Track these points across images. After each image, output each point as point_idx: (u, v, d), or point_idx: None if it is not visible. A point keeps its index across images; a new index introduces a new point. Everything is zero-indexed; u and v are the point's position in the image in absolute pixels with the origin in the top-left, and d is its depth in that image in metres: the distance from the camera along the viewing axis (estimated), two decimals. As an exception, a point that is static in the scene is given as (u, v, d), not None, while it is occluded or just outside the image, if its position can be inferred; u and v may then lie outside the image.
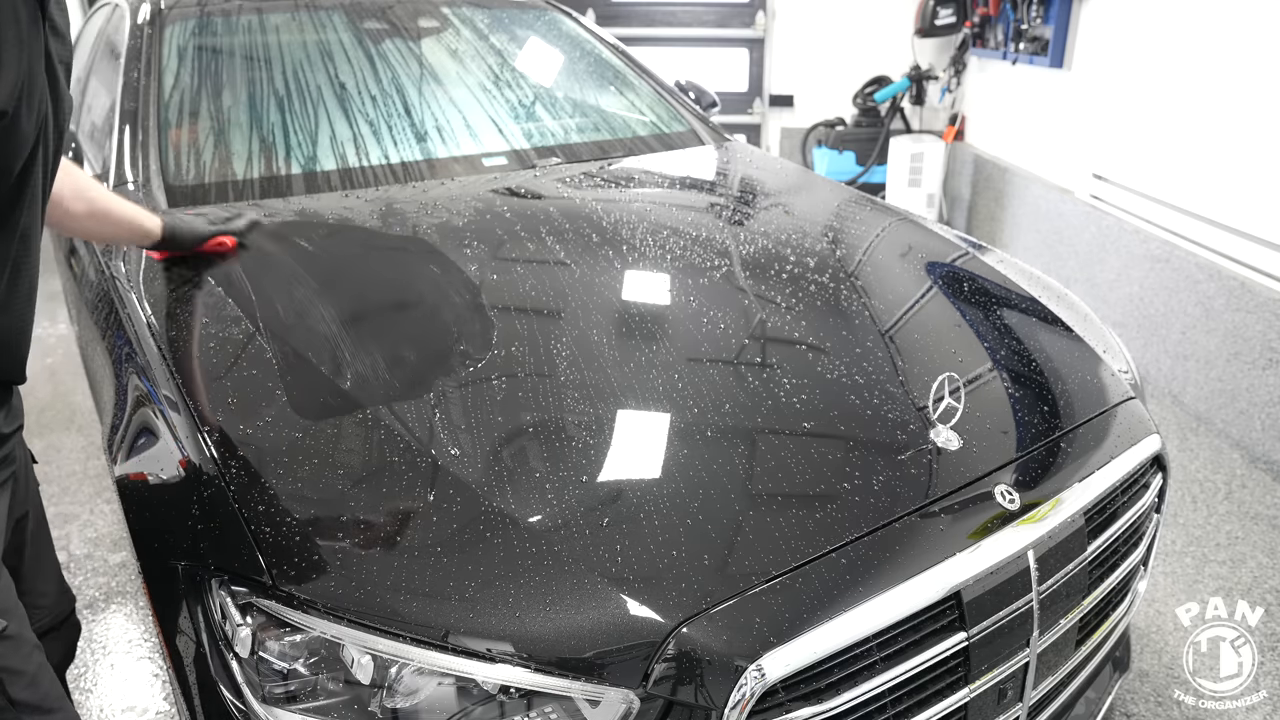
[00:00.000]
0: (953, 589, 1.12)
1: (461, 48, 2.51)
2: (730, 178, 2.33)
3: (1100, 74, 3.84)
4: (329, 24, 2.36)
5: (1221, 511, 2.60)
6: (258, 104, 2.09)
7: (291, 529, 1.07)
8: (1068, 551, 1.26)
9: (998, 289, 1.79)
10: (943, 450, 1.27)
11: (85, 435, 3.12)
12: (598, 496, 1.13)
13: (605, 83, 2.70)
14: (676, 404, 1.29)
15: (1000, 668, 1.19)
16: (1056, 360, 1.57)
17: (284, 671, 1.02)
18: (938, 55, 5.35)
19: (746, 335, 1.49)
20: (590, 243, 1.74)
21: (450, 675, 0.99)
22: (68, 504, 2.72)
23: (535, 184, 2.06)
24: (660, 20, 5.93)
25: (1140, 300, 3.47)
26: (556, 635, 0.99)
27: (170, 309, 1.49)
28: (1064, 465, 1.33)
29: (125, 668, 2.10)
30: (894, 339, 1.53)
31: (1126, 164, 3.66)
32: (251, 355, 1.35)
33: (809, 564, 1.08)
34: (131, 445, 1.32)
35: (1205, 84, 3.12)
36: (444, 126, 2.20)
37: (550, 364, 1.35)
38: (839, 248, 1.86)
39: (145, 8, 2.26)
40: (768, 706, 1.01)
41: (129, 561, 2.41)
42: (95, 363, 1.67)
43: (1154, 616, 2.18)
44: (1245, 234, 2.94)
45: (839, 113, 5.67)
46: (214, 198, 1.84)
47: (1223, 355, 2.99)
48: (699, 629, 1.01)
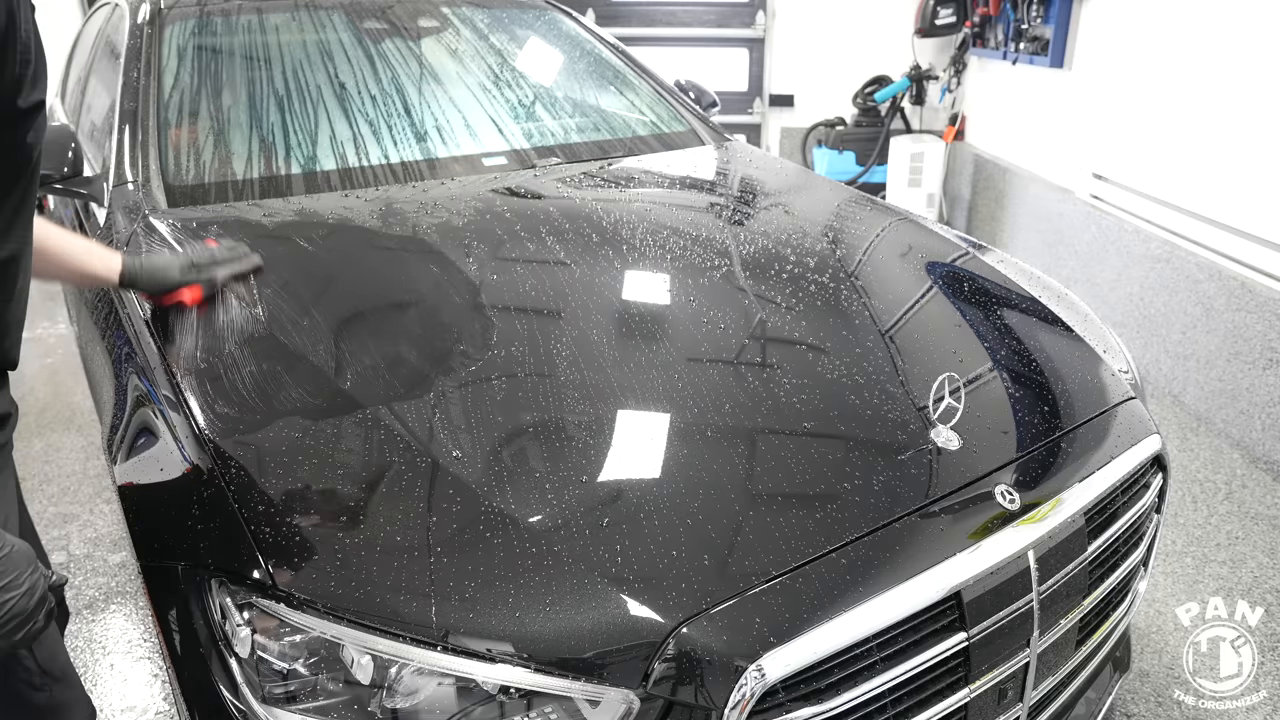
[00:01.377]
0: (953, 589, 1.11)
1: (461, 47, 2.51)
2: (730, 178, 2.33)
3: (1100, 74, 3.84)
4: (329, 24, 2.36)
5: (1222, 511, 2.60)
6: (257, 104, 2.09)
7: (291, 529, 1.07)
8: (1068, 551, 1.25)
9: (998, 289, 1.79)
10: (943, 450, 1.27)
11: (85, 435, 3.12)
12: (598, 496, 1.13)
13: (605, 83, 2.70)
14: (676, 404, 1.29)
15: (1000, 668, 1.19)
16: (1057, 360, 1.57)
17: (284, 671, 1.02)
18: (938, 55, 5.35)
19: (746, 335, 1.49)
20: (590, 243, 1.74)
21: (450, 675, 0.99)
22: (68, 504, 2.72)
23: (535, 184, 2.06)
24: (660, 20, 5.93)
25: (1140, 300, 3.47)
26: (556, 635, 0.99)
27: (170, 309, 1.49)
28: (1064, 465, 1.33)
29: (125, 668, 2.10)
30: (894, 339, 1.53)
31: (1127, 164, 3.66)
32: (251, 355, 1.35)
33: (809, 564, 1.08)
34: (131, 445, 1.32)
35: (1205, 84, 3.12)
36: (444, 126, 2.19)
37: (550, 364, 1.35)
38: (839, 248, 1.86)
39: (145, 7, 2.26)
40: (768, 706, 1.01)
41: (129, 561, 2.41)
42: (95, 363, 1.67)
43: (1154, 616, 2.18)
44: (1246, 234, 2.94)
45: (839, 112, 5.67)
46: (214, 198, 1.84)
47: (1223, 355, 2.99)
48: (699, 629, 1.00)
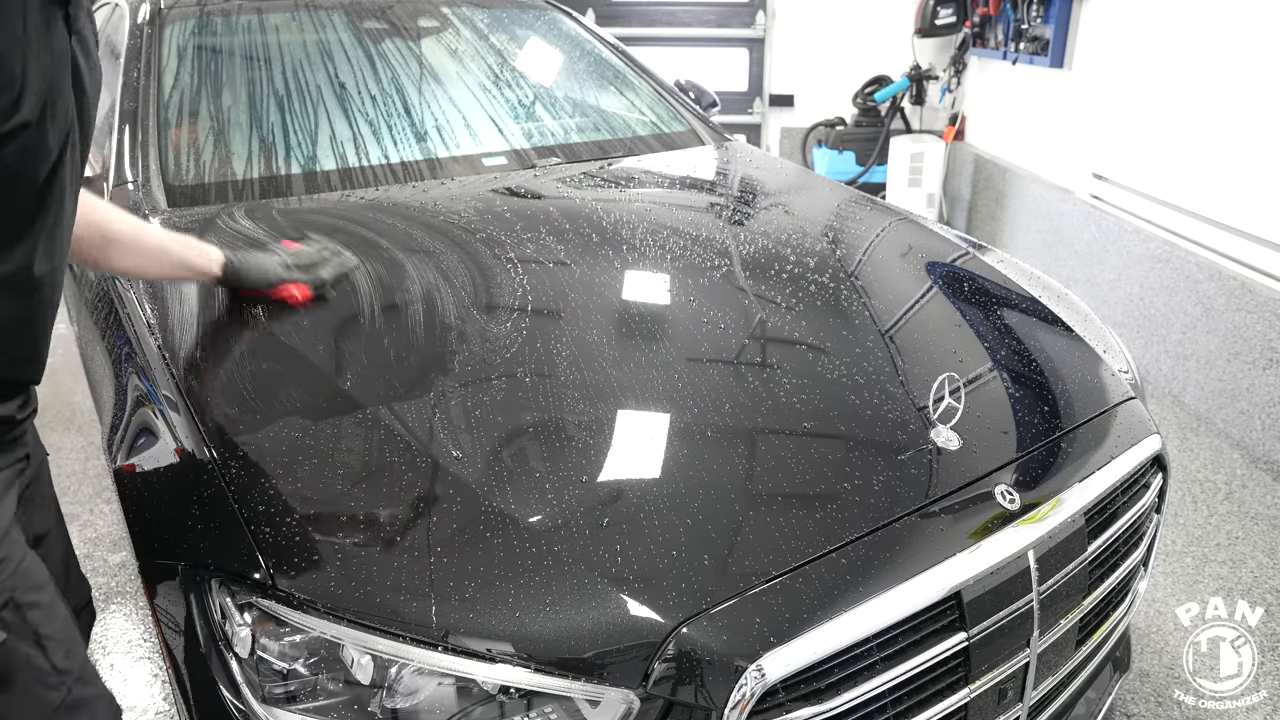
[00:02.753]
0: (953, 589, 1.11)
1: (461, 47, 2.51)
2: (730, 178, 2.33)
3: (1100, 74, 3.84)
4: (329, 24, 2.36)
5: (1222, 511, 2.60)
6: (257, 104, 2.09)
7: (291, 529, 1.06)
8: (1068, 551, 1.25)
9: (998, 289, 1.79)
10: (943, 450, 1.27)
11: (85, 435, 3.12)
12: (598, 496, 1.13)
13: (605, 82, 2.70)
14: (676, 404, 1.29)
15: (1000, 668, 1.19)
16: (1057, 360, 1.57)
17: (284, 671, 1.02)
18: (938, 55, 5.35)
19: (746, 335, 1.49)
20: (590, 243, 1.74)
21: (450, 675, 0.99)
22: (68, 504, 2.69)
23: (535, 184, 2.06)
24: (660, 20, 5.93)
25: (1140, 300, 3.47)
26: (556, 635, 0.99)
27: (170, 308, 1.49)
28: (1064, 465, 1.33)
29: (125, 668, 2.10)
30: (894, 339, 1.53)
31: (1126, 164, 3.66)
32: (251, 354, 1.35)
33: (809, 564, 1.08)
34: (131, 445, 1.32)
35: (1205, 83, 3.12)
36: (444, 126, 2.19)
37: (550, 364, 1.35)
38: (839, 248, 1.86)
39: (145, 7, 2.26)
40: (768, 707, 1.01)
41: (129, 561, 2.41)
42: (95, 362, 1.67)
43: (1154, 616, 2.18)
44: (1246, 234, 2.94)
45: (839, 112, 5.66)
46: (214, 198, 1.84)
47: (1223, 355, 2.99)
48: (699, 629, 1.00)
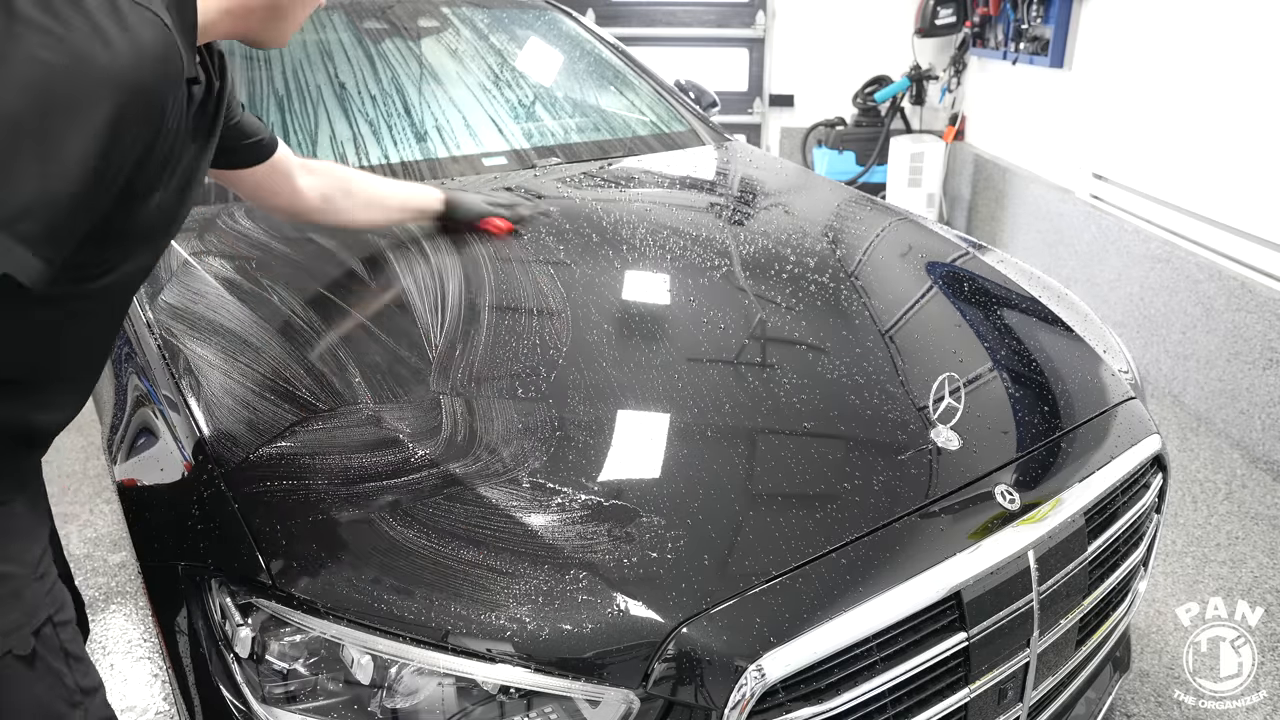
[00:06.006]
0: (953, 589, 1.11)
1: (461, 47, 2.51)
2: (730, 178, 2.33)
3: (1100, 74, 3.84)
4: (329, 24, 2.36)
5: (1222, 511, 2.60)
6: (257, 104, 2.09)
7: (291, 529, 1.06)
8: (1068, 551, 1.25)
9: (998, 289, 1.78)
10: (943, 450, 1.27)
11: (85, 435, 3.11)
12: (598, 496, 1.13)
13: (605, 83, 2.70)
14: (676, 404, 1.29)
15: (1000, 668, 1.19)
16: (1057, 360, 1.57)
17: (284, 671, 1.02)
18: (938, 55, 5.35)
19: (746, 335, 1.49)
20: (590, 243, 1.74)
21: (450, 675, 0.99)
22: (68, 504, 2.72)
23: (535, 184, 2.06)
24: (660, 20, 5.93)
25: (1140, 300, 3.47)
26: (556, 635, 0.99)
27: (170, 308, 1.49)
28: (1064, 465, 1.33)
29: (125, 668, 2.10)
30: (894, 339, 1.53)
31: (1126, 164, 3.66)
32: (251, 354, 1.35)
33: (809, 564, 1.08)
34: (131, 445, 1.32)
35: (1205, 84, 3.12)
36: (444, 126, 2.19)
37: (550, 364, 1.35)
38: (839, 248, 1.86)
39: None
40: (768, 706, 1.01)
41: (129, 561, 2.41)
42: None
43: (1154, 616, 2.18)
44: (1245, 234, 2.94)
45: (839, 112, 5.66)
46: (213, 198, 1.84)
47: (1223, 355, 2.99)
48: (699, 629, 1.00)
